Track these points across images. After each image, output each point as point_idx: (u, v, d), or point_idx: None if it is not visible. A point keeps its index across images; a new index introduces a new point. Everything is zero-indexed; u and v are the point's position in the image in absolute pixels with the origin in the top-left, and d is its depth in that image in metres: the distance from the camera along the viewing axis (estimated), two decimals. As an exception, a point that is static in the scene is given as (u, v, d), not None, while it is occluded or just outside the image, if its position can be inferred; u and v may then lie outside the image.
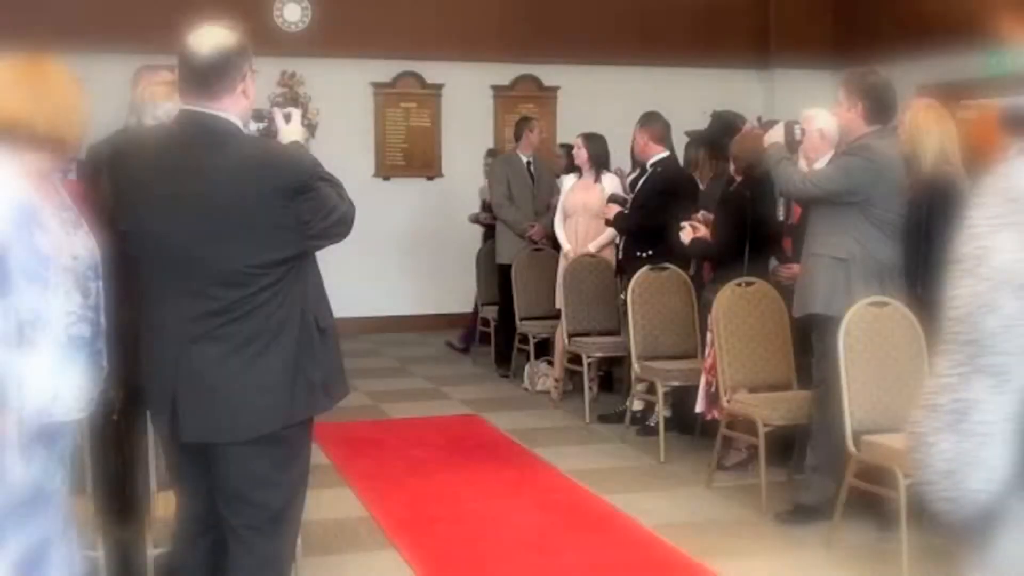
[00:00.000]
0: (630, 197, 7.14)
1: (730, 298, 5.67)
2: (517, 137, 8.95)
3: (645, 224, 6.87)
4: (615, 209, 7.09)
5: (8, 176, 2.68)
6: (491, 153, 9.86)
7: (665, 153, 7.01)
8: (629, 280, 6.80)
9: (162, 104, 3.54)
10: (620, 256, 7.20)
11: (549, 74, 11.15)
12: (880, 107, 4.88)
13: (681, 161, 7.45)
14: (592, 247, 7.63)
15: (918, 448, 1.26)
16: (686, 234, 6.31)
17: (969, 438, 1.22)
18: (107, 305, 3.01)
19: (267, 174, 3.02)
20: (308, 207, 3.05)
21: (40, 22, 8.54)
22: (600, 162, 7.66)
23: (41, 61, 2.86)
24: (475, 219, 9.61)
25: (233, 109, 3.04)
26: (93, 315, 2.93)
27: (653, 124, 7.00)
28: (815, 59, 10.11)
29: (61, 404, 2.79)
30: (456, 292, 10.36)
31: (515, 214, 8.58)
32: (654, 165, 7.01)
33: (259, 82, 3.19)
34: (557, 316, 7.79)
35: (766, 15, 11.44)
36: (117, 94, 4.34)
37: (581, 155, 7.74)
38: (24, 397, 2.63)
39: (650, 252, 6.84)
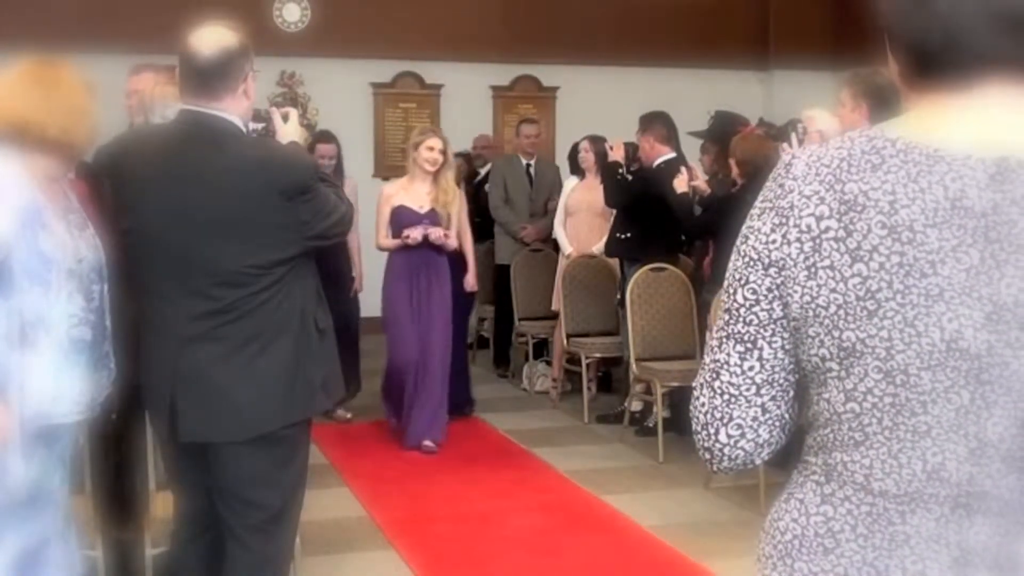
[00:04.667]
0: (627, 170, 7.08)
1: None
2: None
3: (630, 204, 6.88)
4: (620, 150, 7.04)
5: (14, 178, 2.69)
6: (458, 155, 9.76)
7: (672, 154, 6.85)
8: (620, 264, 7.03)
9: (172, 105, 3.55)
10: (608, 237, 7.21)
11: (548, 74, 11.15)
12: (884, 108, 4.87)
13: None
14: (596, 249, 7.62)
15: (692, 400, 1.40)
16: (679, 181, 6.27)
17: (719, 395, 1.35)
18: (111, 307, 3.02)
19: (268, 174, 3.03)
20: (308, 208, 3.05)
21: (40, 22, 8.53)
22: (606, 157, 7.63)
23: (54, 65, 2.87)
24: None
25: (234, 109, 3.05)
26: (95, 318, 2.93)
27: (655, 126, 6.89)
28: (815, 59, 10.09)
29: (61, 406, 2.79)
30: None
31: (509, 215, 8.58)
32: (659, 165, 6.94)
33: (259, 82, 3.19)
34: (555, 316, 7.80)
35: (766, 15, 11.44)
36: (116, 94, 4.33)
37: (588, 158, 7.71)
38: (25, 398, 2.63)
39: (628, 235, 6.91)
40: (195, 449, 3.11)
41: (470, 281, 6.99)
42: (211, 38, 3.01)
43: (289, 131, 3.32)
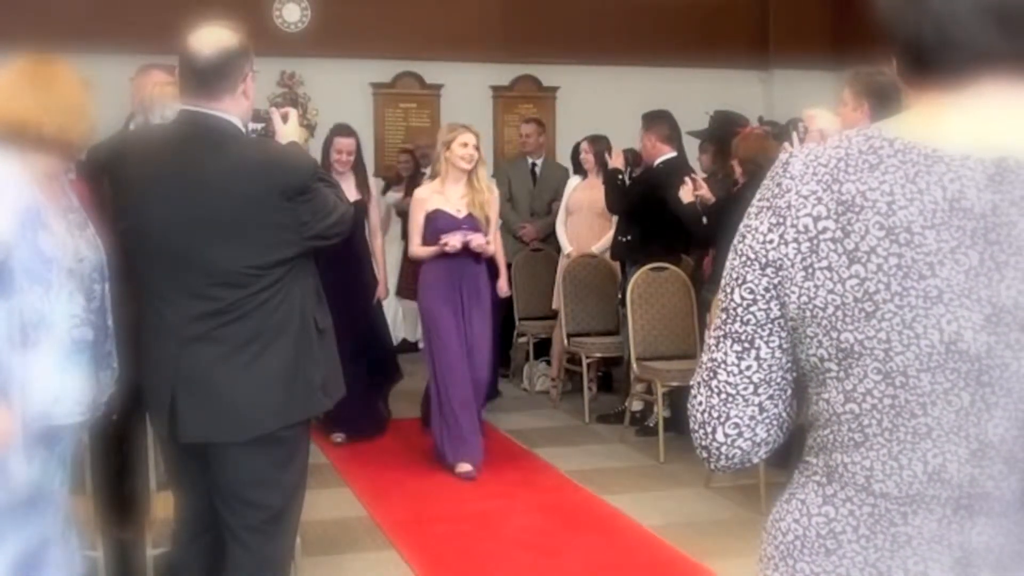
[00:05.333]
0: (626, 176, 7.10)
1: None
2: None
3: (631, 210, 6.89)
4: (619, 158, 7.04)
5: (13, 178, 2.68)
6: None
7: (672, 154, 6.87)
8: (621, 264, 7.05)
9: (172, 105, 3.54)
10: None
11: (549, 74, 11.14)
12: (886, 107, 4.85)
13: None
14: (596, 248, 7.62)
15: (689, 399, 1.40)
16: (685, 191, 6.28)
17: (717, 394, 1.34)
18: (114, 307, 3.02)
19: (267, 175, 3.02)
20: (307, 208, 3.05)
21: (40, 22, 8.53)
22: (605, 162, 7.64)
23: (49, 63, 2.87)
24: None
25: (233, 110, 3.04)
26: (96, 318, 2.92)
27: (658, 125, 6.89)
28: (815, 59, 10.09)
29: (62, 407, 2.78)
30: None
31: (510, 214, 8.60)
32: (659, 165, 6.95)
33: (259, 82, 3.19)
34: (556, 316, 7.80)
35: (766, 15, 11.43)
36: (117, 94, 4.34)
37: (588, 159, 7.72)
38: (26, 399, 2.62)
39: (629, 237, 6.92)
40: (195, 449, 3.10)
41: (503, 287, 6.51)
42: (210, 38, 3.01)
43: (289, 131, 3.32)
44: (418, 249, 6.00)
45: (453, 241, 5.79)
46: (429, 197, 5.99)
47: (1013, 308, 1.16)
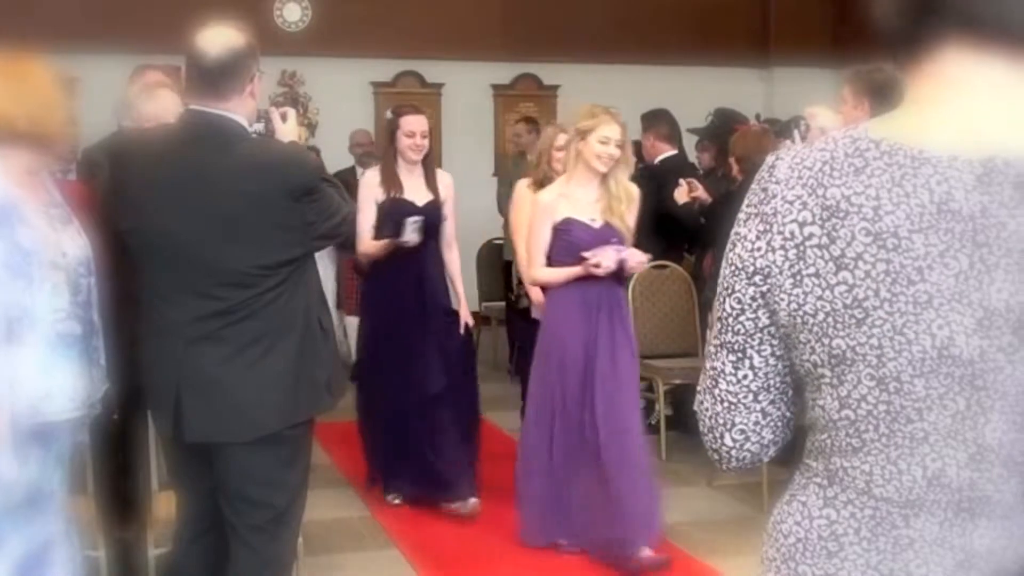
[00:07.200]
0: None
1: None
2: None
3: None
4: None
5: None
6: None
7: (673, 151, 6.91)
8: None
9: (144, 103, 3.53)
10: None
11: (549, 73, 11.15)
12: (886, 105, 4.84)
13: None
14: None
15: (696, 403, 1.41)
16: (680, 193, 6.28)
17: (720, 403, 1.35)
18: (103, 303, 3.00)
19: (273, 175, 3.03)
20: (313, 208, 3.06)
21: (40, 22, 8.53)
22: None
23: (21, 59, 2.85)
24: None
25: (240, 110, 3.05)
26: (84, 312, 2.91)
27: (658, 124, 6.93)
28: (815, 58, 10.09)
29: (53, 403, 2.77)
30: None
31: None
32: (660, 163, 6.96)
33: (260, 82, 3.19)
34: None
35: (766, 15, 11.44)
36: (117, 94, 4.33)
37: None
38: (14, 395, 2.60)
39: None
40: (199, 449, 3.11)
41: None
42: (218, 39, 3.02)
43: (288, 131, 3.32)
44: (544, 273, 4.62)
45: (606, 261, 4.40)
46: (557, 204, 4.59)
47: (1005, 311, 1.14)
